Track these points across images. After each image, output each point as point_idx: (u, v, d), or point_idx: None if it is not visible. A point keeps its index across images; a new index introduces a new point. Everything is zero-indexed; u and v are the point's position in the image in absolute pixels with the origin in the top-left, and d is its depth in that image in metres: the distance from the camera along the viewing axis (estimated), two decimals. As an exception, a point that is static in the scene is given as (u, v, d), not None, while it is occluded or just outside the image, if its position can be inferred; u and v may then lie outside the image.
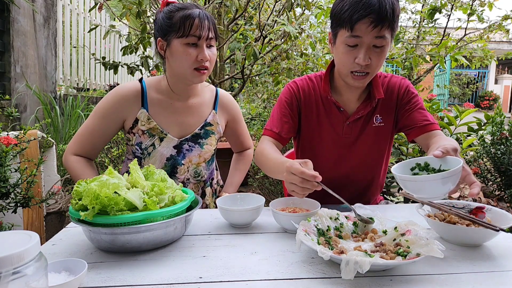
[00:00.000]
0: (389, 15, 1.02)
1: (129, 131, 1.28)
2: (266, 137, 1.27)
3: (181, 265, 0.78)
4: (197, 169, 1.36)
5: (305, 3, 2.76)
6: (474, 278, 0.72)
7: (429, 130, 1.19)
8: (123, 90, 1.25)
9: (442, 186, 0.76)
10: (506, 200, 2.26)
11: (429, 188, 0.77)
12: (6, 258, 0.44)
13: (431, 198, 0.79)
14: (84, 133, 1.25)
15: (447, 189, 0.77)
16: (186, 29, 1.14)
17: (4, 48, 2.98)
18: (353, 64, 1.09)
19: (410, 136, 1.24)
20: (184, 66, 1.18)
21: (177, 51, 1.17)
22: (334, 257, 0.71)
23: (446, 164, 0.83)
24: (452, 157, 0.81)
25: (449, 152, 0.81)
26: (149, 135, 1.27)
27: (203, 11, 1.18)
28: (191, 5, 1.19)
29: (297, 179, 0.88)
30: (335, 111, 1.26)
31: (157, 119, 1.27)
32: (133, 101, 1.25)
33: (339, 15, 1.08)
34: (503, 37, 7.56)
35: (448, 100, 10.93)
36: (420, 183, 0.78)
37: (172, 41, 1.18)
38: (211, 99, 1.38)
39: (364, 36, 1.05)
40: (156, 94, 1.28)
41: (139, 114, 1.25)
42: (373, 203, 1.41)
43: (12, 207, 1.40)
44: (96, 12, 4.84)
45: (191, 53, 1.16)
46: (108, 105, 1.24)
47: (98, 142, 1.27)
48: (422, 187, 0.78)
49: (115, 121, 1.26)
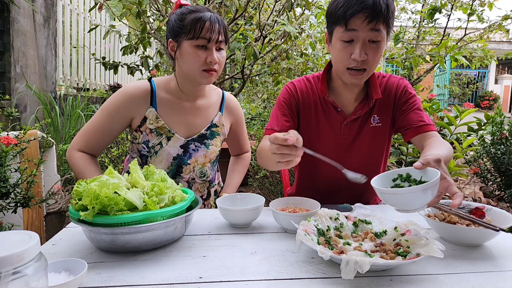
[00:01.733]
0: (383, 10, 1.03)
1: (137, 129, 1.29)
2: (267, 136, 1.27)
3: (181, 265, 0.78)
4: (203, 169, 1.37)
5: (305, 3, 2.76)
6: (474, 278, 0.72)
7: (425, 131, 1.18)
8: (132, 88, 1.26)
9: (421, 198, 0.76)
10: (506, 200, 2.26)
11: (406, 201, 0.78)
12: (6, 258, 0.44)
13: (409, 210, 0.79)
14: (90, 130, 1.25)
15: (427, 200, 0.77)
16: (196, 32, 1.16)
17: (4, 48, 2.98)
18: (349, 60, 1.10)
19: (406, 136, 1.24)
20: (193, 67, 1.20)
21: (186, 52, 1.19)
22: (334, 257, 0.72)
23: (426, 176, 0.83)
24: (431, 169, 0.81)
25: (430, 163, 0.81)
26: (156, 134, 1.28)
27: (214, 15, 1.19)
28: (203, 8, 1.21)
29: (274, 147, 0.85)
30: (333, 112, 1.26)
31: (165, 119, 1.28)
32: (142, 100, 1.26)
33: (333, 12, 1.09)
34: (503, 37, 7.55)
35: (448, 100, 10.92)
36: (399, 196, 0.78)
37: (182, 43, 1.19)
38: (218, 101, 1.40)
39: (359, 30, 1.06)
40: (165, 94, 1.29)
41: (148, 113, 1.26)
42: (373, 203, 1.41)
43: (12, 207, 1.40)
44: (96, 12, 4.84)
45: (201, 55, 1.18)
46: (116, 103, 1.25)
47: (103, 139, 1.27)
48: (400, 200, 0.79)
49: (123, 119, 1.27)
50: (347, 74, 1.13)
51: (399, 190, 0.79)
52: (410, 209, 0.79)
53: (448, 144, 1.12)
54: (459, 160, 2.75)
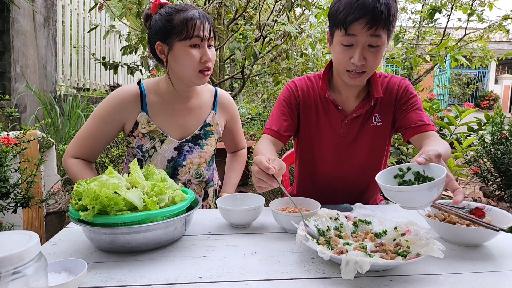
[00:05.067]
0: (384, 15, 1.03)
1: (130, 134, 1.28)
2: (265, 136, 1.28)
3: (181, 265, 0.78)
4: (198, 169, 1.36)
5: (305, 3, 2.76)
6: (474, 278, 0.72)
7: (424, 131, 1.18)
8: (122, 93, 1.24)
9: (428, 195, 0.76)
10: (506, 200, 2.26)
11: (414, 198, 0.77)
12: (6, 258, 0.44)
13: (416, 207, 0.79)
14: (82, 137, 1.25)
15: (432, 198, 0.77)
16: (189, 31, 1.13)
17: (4, 48, 2.98)
18: (349, 63, 1.11)
19: (405, 136, 1.24)
20: (189, 69, 1.17)
21: (180, 54, 1.16)
22: (334, 257, 0.72)
23: (429, 171, 0.82)
24: (435, 165, 0.81)
25: (432, 159, 0.82)
26: (149, 137, 1.27)
27: (201, 12, 1.17)
28: (188, 6, 1.17)
29: (255, 169, 0.90)
30: (334, 110, 1.27)
31: (157, 122, 1.27)
32: (133, 104, 1.24)
33: (335, 15, 1.10)
34: (503, 37, 7.55)
35: (448, 100, 10.91)
36: (407, 193, 0.77)
37: (174, 44, 1.16)
38: (210, 99, 1.38)
39: (359, 35, 1.06)
40: (155, 96, 1.28)
41: (139, 117, 1.25)
42: (373, 203, 1.41)
43: (12, 207, 1.40)
44: (96, 12, 4.83)
45: (195, 55, 1.16)
46: (107, 108, 1.24)
47: (97, 146, 1.27)
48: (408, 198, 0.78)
49: (114, 125, 1.26)
50: (347, 76, 1.14)
51: (405, 188, 0.78)
52: (416, 206, 0.79)
53: (447, 143, 1.12)
54: (459, 160, 2.75)
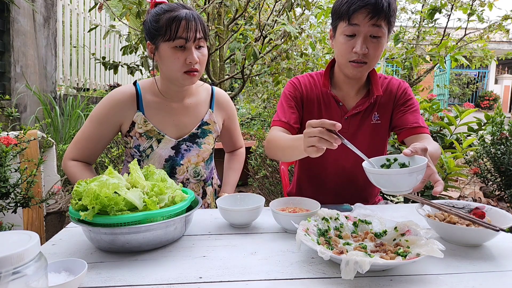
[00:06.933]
0: (385, 7, 1.09)
1: (127, 134, 1.28)
2: (276, 127, 1.27)
3: (181, 265, 0.78)
4: (196, 168, 1.36)
5: (305, 3, 2.76)
6: (474, 278, 0.72)
7: (418, 132, 1.22)
8: (118, 94, 1.24)
9: (408, 180, 0.82)
10: (506, 200, 2.26)
11: (394, 182, 0.83)
12: (6, 258, 0.44)
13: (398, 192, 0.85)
14: (81, 139, 1.25)
15: (413, 183, 0.83)
16: (172, 32, 1.12)
17: (4, 48, 2.98)
18: (351, 53, 1.15)
19: (400, 136, 1.28)
20: (173, 69, 1.17)
21: (165, 55, 1.16)
22: (334, 257, 0.72)
23: (414, 162, 0.89)
24: (419, 157, 0.88)
25: (417, 152, 0.88)
26: (146, 137, 1.27)
27: (190, 12, 1.15)
28: (178, 6, 1.16)
29: (316, 131, 0.85)
30: (334, 105, 1.29)
31: (154, 121, 1.27)
32: (129, 105, 1.25)
33: (338, 9, 1.16)
34: (503, 37, 7.55)
35: (448, 100, 10.93)
36: (387, 176, 0.84)
37: (160, 45, 1.16)
38: (207, 98, 1.38)
39: (361, 25, 1.11)
40: (151, 96, 1.28)
41: (136, 117, 1.25)
42: (372, 203, 1.41)
43: (12, 207, 1.40)
44: (96, 12, 4.84)
45: (179, 56, 1.15)
46: (104, 110, 1.24)
47: (95, 147, 1.27)
48: (388, 180, 0.84)
49: (112, 126, 1.26)
50: (350, 66, 1.17)
51: (387, 170, 0.87)
52: (397, 191, 0.85)
53: (438, 145, 1.18)
54: (459, 160, 2.74)
